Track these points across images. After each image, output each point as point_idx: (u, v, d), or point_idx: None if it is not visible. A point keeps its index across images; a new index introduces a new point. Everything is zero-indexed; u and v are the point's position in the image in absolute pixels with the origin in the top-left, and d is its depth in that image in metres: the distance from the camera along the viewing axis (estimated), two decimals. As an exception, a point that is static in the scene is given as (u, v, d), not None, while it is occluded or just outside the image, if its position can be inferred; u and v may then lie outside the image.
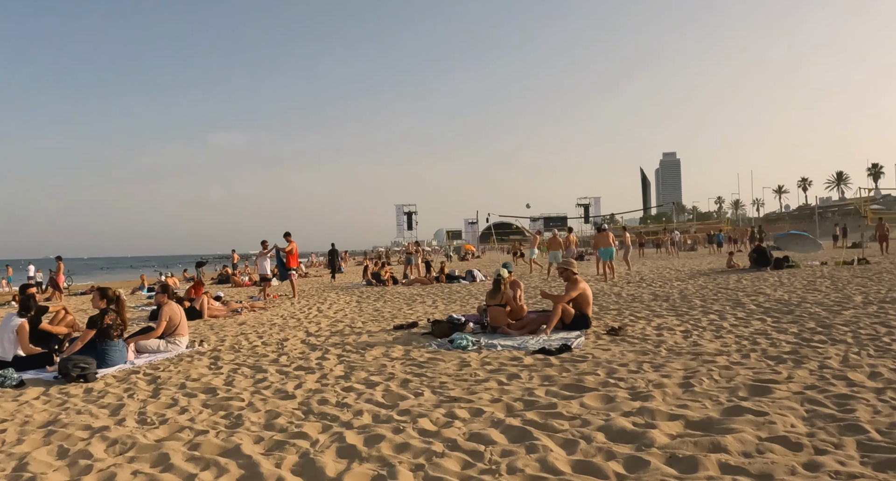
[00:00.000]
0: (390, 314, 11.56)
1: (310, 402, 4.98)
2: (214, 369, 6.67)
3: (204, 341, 8.56)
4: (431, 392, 5.15)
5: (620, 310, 10.45)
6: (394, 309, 12.57)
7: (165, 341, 7.97)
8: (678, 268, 22.52)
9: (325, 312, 12.48)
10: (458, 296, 15.01)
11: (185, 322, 8.20)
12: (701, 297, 11.76)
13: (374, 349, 7.43)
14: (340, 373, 6.10)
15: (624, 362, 6.03)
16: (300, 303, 15.35)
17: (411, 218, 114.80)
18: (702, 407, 4.38)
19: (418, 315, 11.14)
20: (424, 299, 14.69)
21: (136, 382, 6.14)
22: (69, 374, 6.22)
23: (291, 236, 17.35)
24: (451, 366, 6.20)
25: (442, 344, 7.59)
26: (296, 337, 8.89)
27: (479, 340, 7.44)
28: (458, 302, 13.64)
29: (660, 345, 6.94)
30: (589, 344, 7.23)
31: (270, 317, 11.90)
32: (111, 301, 7.14)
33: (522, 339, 7.64)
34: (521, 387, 5.18)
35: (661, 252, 47.12)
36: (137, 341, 7.88)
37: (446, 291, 17.10)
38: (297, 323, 10.77)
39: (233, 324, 11.15)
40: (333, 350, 7.52)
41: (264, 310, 13.67)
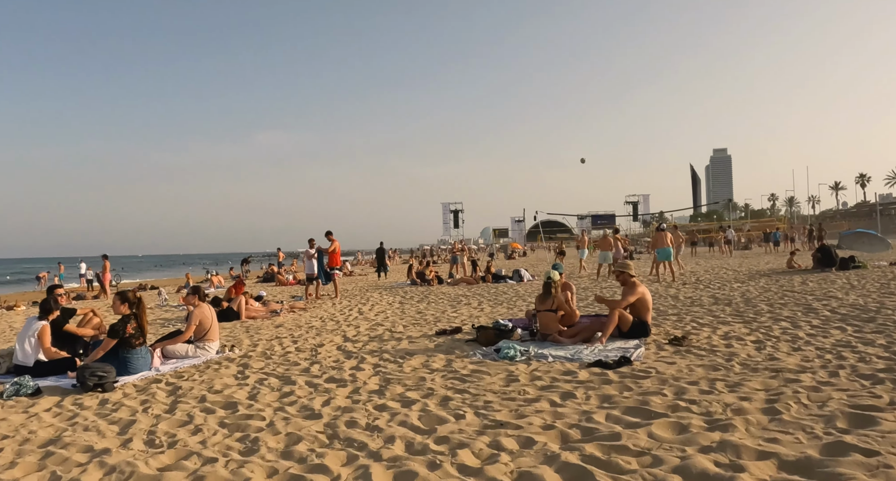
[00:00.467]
0: (433, 317, 10.98)
1: (336, 424, 4.40)
2: (240, 379, 6.17)
3: (235, 346, 8.11)
4: (474, 413, 4.52)
5: (680, 315, 9.66)
6: (437, 311, 11.99)
7: (194, 346, 7.54)
8: (735, 268, 21.40)
9: (366, 314, 11.97)
10: (504, 298, 14.35)
11: (216, 326, 7.76)
12: (766, 301, 10.85)
13: (414, 358, 6.84)
14: (375, 387, 5.53)
15: (693, 379, 5.30)
16: (342, 303, 14.91)
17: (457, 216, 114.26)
18: (796, 443, 3.66)
19: (463, 318, 10.53)
20: (470, 300, 14.08)
21: (155, 393, 5.68)
22: (86, 383, 5.80)
23: (333, 234, 16.93)
24: (497, 381, 5.56)
25: (487, 353, 6.95)
26: (332, 342, 8.37)
27: (527, 349, 6.78)
28: (504, 304, 12.98)
29: (731, 358, 6.17)
30: (650, 355, 6.51)
31: (309, 319, 11.45)
32: (132, 305, 6.72)
33: (576, 349, 6.96)
34: (577, 410, 4.52)
35: (714, 251, 45.66)
36: (165, 346, 7.47)
37: (492, 292, 16.45)
38: (335, 325, 10.27)
39: (270, 326, 10.73)
40: (370, 358, 6.96)
41: (304, 311, 13.26)
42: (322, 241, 17.07)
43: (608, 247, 20.56)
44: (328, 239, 16.80)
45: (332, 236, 16.84)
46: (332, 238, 16.82)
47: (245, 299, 13.24)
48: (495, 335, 7.64)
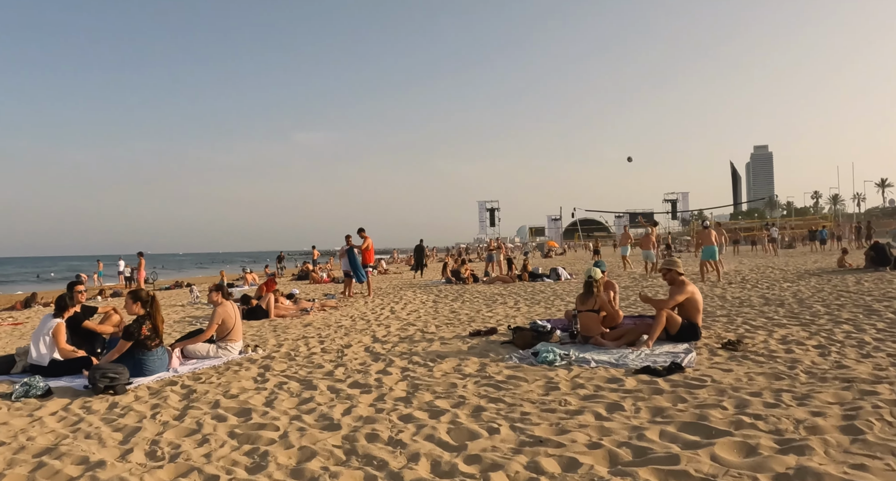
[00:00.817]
0: (467, 317, 10.50)
1: (356, 437, 3.95)
2: (259, 382, 5.78)
3: (259, 346, 7.74)
4: (510, 427, 4.04)
5: (730, 316, 9.03)
6: (472, 310, 11.51)
7: (216, 346, 7.19)
8: (782, 268, 20.46)
9: (398, 313, 11.55)
10: (542, 297, 13.81)
11: (239, 325, 7.40)
12: (822, 302, 10.14)
13: (446, 361, 6.37)
14: (401, 394, 5.07)
15: (755, 390, 4.74)
16: (374, 301, 14.53)
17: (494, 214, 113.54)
18: (887, 470, 3.11)
19: (498, 318, 10.04)
20: (506, 299, 13.57)
21: (168, 396, 5.32)
22: (97, 385, 5.48)
23: (365, 231, 16.57)
24: (535, 389, 5.06)
25: (524, 357, 6.45)
26: (360, 343, 7.96)
27: (568, 353, 6.26)
28: (542, 303, 12.45)
29: (794, 365, 5.57)
30: (703, 361, 5.94)
31: (339, 318, 11.08)
32: (146, 304, 6.38)
33: (620, 353, 6.42)
34: (625, 425, 4.00)
35: (757, 249, 44.38)
36: (185, 346, 7.13)
37: (529, 291, 15.91)
38: (365, 325, 9.87)
39: (298, 325, 10.38)
40: (398, 361, 6.52)
41: (335, 310, 12.91)
42: (355, 239, 16.73)
43: (649, 246, 19.88)
44: (360, 236, 16.45)
45: (364, 233, 16.48)
46: (365, 235, 16.46)
47: (276, 297, 12.95)
48: (533, 337, 7.13)
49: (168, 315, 13.59)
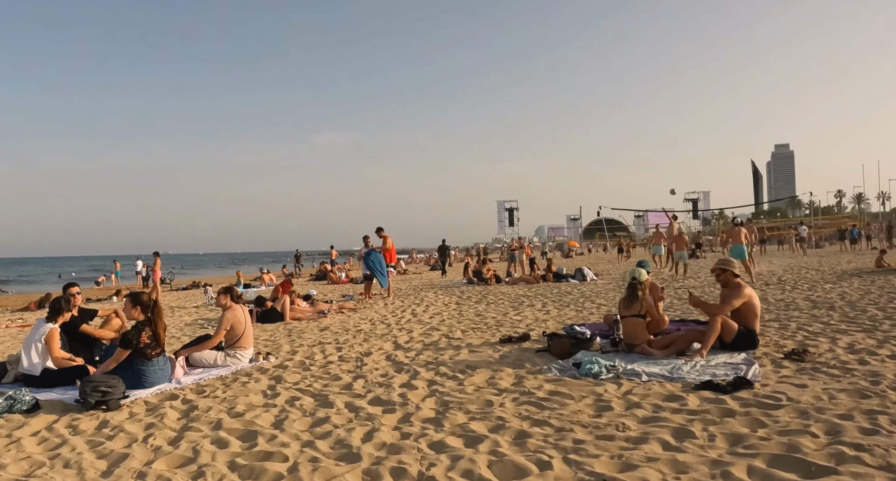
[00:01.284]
0: (494, 320, 9.83)
1: (379, 472, 3.29)
2: (269, 397, 5.16)
3: (271, 354, 7.11)
4: (563, 459, 3.36)
5: (781, 321, 8.30)
6: (498, 313, 10.84)
7: (224, 354, 6.59)
8: (816, 268, 19.57)
9: (420, 316, 10.91)
10: (570, 299, 13.10)
11: (249, 331, 6.80)
12: (875, 305, 9.37)
13: (477, 373, 5.70)
14: (430, 414, 4.41)
15: (843, 412, 4.02)
16: (394, 303, 13.90)
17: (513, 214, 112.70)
18: None
19: (528, 322, 9.35)
20: (532, 301, 12.88)
21: (166, 414, 4.71)
22: (87, 400, 4.89)
23: (385, 230, 15.94)
24: (584, 408, 4.38)
25: (565, 368, 5.76)
26: (381, 350, 7.31)
27: (614, 364, 5.56)
28: (571, 305, 11.74)
29: (877, 380, 4.84)
30: (769, 374, 5.22)
31: (358, 321, 10.46)
32: (146, 308, 5.79)
33: (672, 364, 5.71)
34: (702, 457, 3.32)
35: (784, 249, 43.28)
36: (191, 353, 6.54)
37: (555, 292, 15.20)
38: (385, 329, 9.23)
39: (315, 328, 9.77)
40: (424, 372, 5.85)
41: (354, 312, 12.31)
42: (375, 240, 16.08)
43: (683, 246, 19.09)
44: (379, 236, 15.82)
45: (383, 232, 15.86)
46: (384, 234, 15.84)
47: (292, 299, 12.37)
48: (571, 345, 6.45)
49: (181, 317, 13.06)
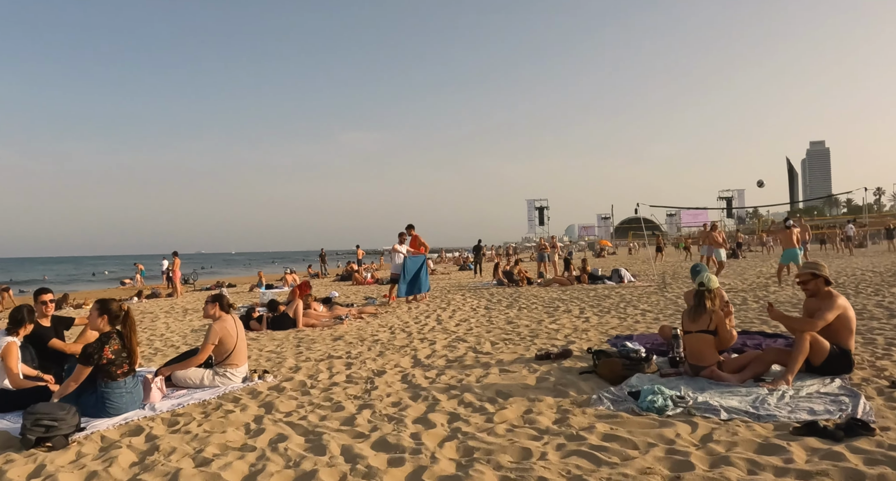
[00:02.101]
0: (528, 329, 8.75)
1: None
2: (252, 433, 4.14)
3: (268, 372, 6.09)
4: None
5: (860, 332, 7.10)
6: (531, 320, 9.75)
7: (212, 372, 5.63)
8: (870, 269, 18.09)
9: (446, 323, 9.87)
10: (609, 304, 11.95)
11: (242, 346, 5.81)
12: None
13: (510, 403, 4.62)
14: (448, 468, 3.33)
15: None
16: (418, 307, 12.88)
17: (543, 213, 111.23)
18: None
19: (566, 332, 8.25)
20: (568, 306, 11.76)
21: (118, 457, 3.72)
22: (27, 437, 3.94)
23: (415, 228, 14.87)
24: (652, 465, 3.27)
25: (619, 398, 4.66)
26: (397, 367, 6.27)
27: (682, 395, 4.46)
28: (611, 311, 10.60)
29: None
30: (884, 412, 4.08)
31: (377, 329, 9.45)
32: (115, 318, 4.85)
33: (753, 394, 4.58)
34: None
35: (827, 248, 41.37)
36: (174, 371, 5.60)
37: (592, 295, 14.05)
38: (405, 340, 8.21)
39: (328, 337, 8.79)
40: (445, 400, 4.80)
41: (374, 317, 11.33)
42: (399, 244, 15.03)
43: (721, 244, 17.81)
44: (409, 233, 14.77)
45: (413, 230, 14.80)
46: (414, 232, 14.77)
47: (308, 303, 11.43)
48: (623, 366, 5.34)
49: (190, 321, 12.21)
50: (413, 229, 14.80)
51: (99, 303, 4.98)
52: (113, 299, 5.11)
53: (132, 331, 4.89)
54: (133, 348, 4.79)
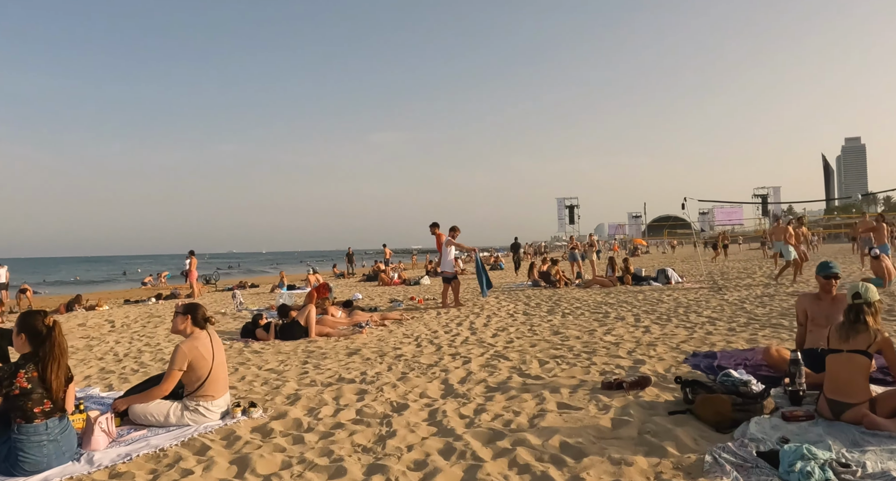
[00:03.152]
0: (580, 342, 7.31)
1: None
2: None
3: (256, 406, 4.71)
4: None
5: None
6: (582, 330, 8.30)
7: (180, 406, 4.30)
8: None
9: (481, 333, 8.46)
10: (665, 309, 10.44)
11: (221, 372, 4.45)
12: None
13: (585, 470, 3.17)
14: None
15: None
16: (448, 313, 11.49)
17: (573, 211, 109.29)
18: None
19: (628, 347, 6.79)
20: (619, 312, 10.28)
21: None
22: None
23: (440, 227, 13.46)
24: None
25: (744, 459, 3.19)
26: (423, 396, 4.88)
27: (845, 461, 3.01)
28: (672, 319, 9.09)
29: None
30: None
31: (399, 340, 8.10)
32: (36, 337, 3.56)
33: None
34: None
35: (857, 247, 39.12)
36: (132, 405, 4.28)
37: (641, 299, 12.54)
38: (434, 355, 6.83)
39: (342, 351, 7.45)
40: (489, 461, 3.34)
41: (399, 324, 9.98)
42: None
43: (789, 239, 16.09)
44: (433, 232, 13.38)
45: (438, 229, 13.40)
46: (439, 231, 13.37)
47: (325, 308, 10.13)
48: (734, 407, 3.89)
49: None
50: (437, 228, 13.39)
51: (22, 319, 3.68)
52: (40, 311, 3.80)
53: (61, 353, 3.59)
54: (50, 381, 3.48)
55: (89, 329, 11.74)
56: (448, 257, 12.61)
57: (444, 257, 12.72)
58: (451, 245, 12.62)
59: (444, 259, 12.72)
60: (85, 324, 12.76)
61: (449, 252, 12.61)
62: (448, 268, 12.61)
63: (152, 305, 18.94)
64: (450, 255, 12.64)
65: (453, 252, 12.73)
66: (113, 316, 14.80)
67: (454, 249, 12.75)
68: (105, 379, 6.41)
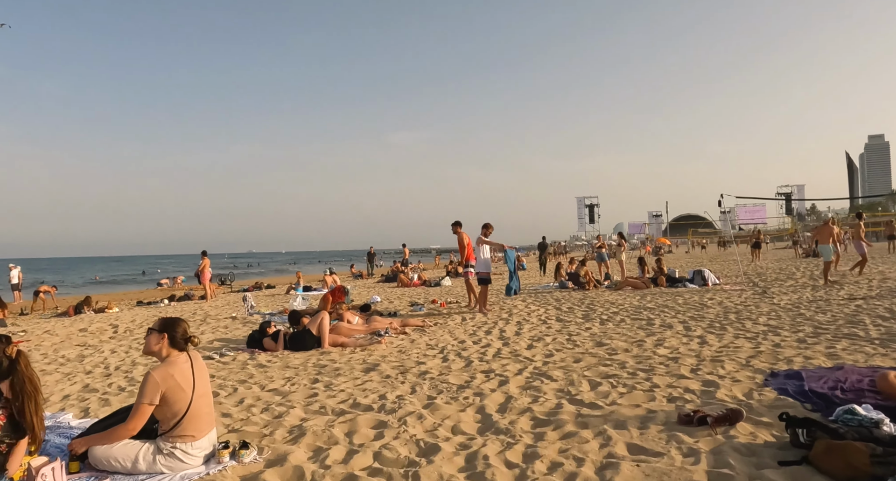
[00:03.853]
0: (630, 355, 6.36)
1: None
2: None
3: (249, 446, 3.74)
4: None
5: None
6: (628, 341, 7.34)
7: (154, 448, 3.42)
8: None
9: (513, 344, 7.54)
10: (713, 315, 9.44)
11: (203, 405, 3.54)
12: None
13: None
14: None
15: None
16: (474, 318, 10.57)
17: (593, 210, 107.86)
18: None
19: (689, 362, 5.82)
20: (664, 318, 9.30)
21: None
22: None
23: (462, 226, 12.53)
24: None
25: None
26: (457, 433, 3.96)
27: None
28: (727, 327, 8.10)
29: None
30: None
31: (423, 352, 7.20)
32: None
33: None
34: None
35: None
36: (92, 447, 3.41)
37: (681, 303, 11.55)
38: (464, 372, 5.90)
39: (359, 364, 6.56)
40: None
41: (422, 330, 9.08)
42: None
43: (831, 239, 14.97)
44: (455, 230, 12.46)
45: (460, 227, 12.48)
46: (461, 230, 12.46)
47: (339, 313, 9.27)
48: (872, 459, 2.93)
49: (202, 333, 10.13)
50: (459, 227, 12.46)
51: None
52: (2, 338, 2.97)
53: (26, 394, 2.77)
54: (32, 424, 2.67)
55: (90, 334, 10.97)
56: (483, 256, 11.67)
57: (478, 257, 11.77)
58: (483, 243, 11.67)
59: (478, 259, 11.76)
60: (87, 328, 12.00)
61: (483, 250, 11.70)
62: (484, 268, 11.60)
63: (163, 307, 18.24)
64: (485, 253, 11.72)
65: (487, 251, 11.81)
66: (119, 319, 14.06)
67: (488, 248, 11.83)
68: (84, 401, 5.55)
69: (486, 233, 11.73)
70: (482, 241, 11.64)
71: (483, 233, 11.73)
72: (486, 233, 11.73)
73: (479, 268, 11.69)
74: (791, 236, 41.82)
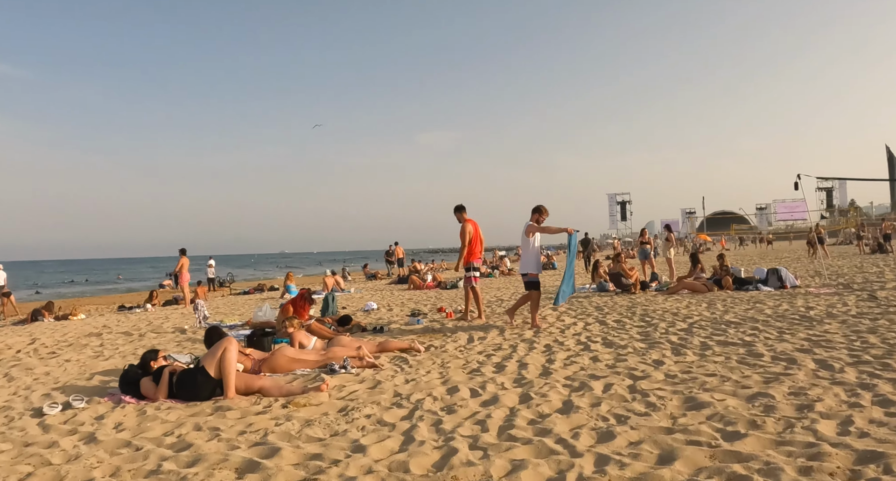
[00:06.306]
0: (763, 435, 3.27)
1: None
2: None
3: None
4: None
5: None
6: (739, 396, 4.21)
7: None
8: None
9: (538, 396, 4.44)
10: (833, 336, 6.31)
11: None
12: None
13: None
14: None
15: None
16: (485, 338, 7.51)
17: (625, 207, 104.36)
18: None
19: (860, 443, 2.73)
20: (766, 340, 6.16)
21: None
22: None
23: (466, 212, 9.41)
24: None
25: None
26: None
27: None
28: (888, 363, 4.96)
29: None
30: None
31: (381, 410, 4.17)
32: None
33: None
34: None
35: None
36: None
37: (771, 314, 8.44)
38: (479, 461, 2.88)
39: (244, 443, 3.56)
40: None
41: (403, 362, 6.06)
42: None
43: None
44: (458, 217, 9.34)
45: (465, 213, 9.36)
46: (467, 217, 9.36)
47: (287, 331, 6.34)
48: None
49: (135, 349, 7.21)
50: (464, 213, 9.34)
51: None
52: None
53: None
54: None
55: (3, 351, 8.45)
56: (532, 252, 8.42)
57: (524, 253, 8.48)
58: (534, 232, 8.31)
59: (524, 255, 8.49)
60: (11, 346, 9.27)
61: (532, 243, 8.40)
62: (534, 268, 8.40)
63: (140, 313, 15.63)
64: (536, 242, 8.45)
65: (538, 242, 8.52)
66: (68, 329, 11.43)
67: (539, 238, 8.51)
68: None
69: (540, 220, 8.33)
70: (533, 230, 8.31)
71: (534, 220, 8.34)
72: (540, 220, 8.33)
73: (526, 269, 8.46)
74: (856, 230, 37.87)
